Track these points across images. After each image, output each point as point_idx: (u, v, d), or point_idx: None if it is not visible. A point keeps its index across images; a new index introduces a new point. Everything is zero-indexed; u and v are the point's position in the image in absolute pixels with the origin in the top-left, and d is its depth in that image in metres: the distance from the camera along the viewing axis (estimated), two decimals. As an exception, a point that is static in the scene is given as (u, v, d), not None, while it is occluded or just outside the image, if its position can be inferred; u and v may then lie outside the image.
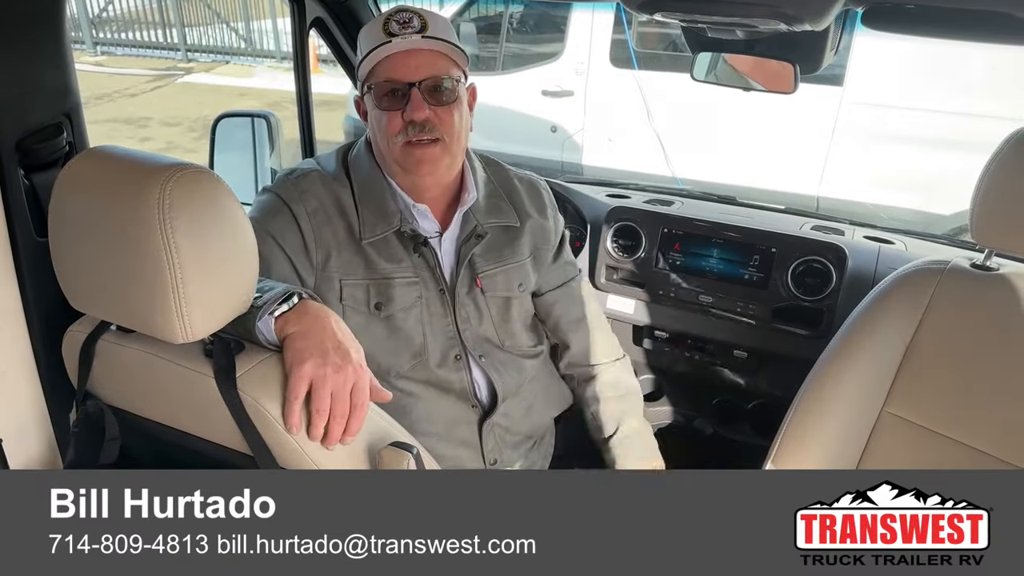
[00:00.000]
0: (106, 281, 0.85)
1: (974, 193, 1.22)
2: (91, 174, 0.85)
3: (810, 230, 1.80)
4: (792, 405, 1.35)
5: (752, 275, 1.72)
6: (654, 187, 2.16)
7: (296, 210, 1.19)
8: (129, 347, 0.94)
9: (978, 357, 1.24)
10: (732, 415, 1.77)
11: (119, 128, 7.10)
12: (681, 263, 1.78)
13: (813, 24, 1.12)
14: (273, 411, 0.86)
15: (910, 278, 1.31)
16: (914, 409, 1.29)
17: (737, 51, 1.45)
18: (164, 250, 0.79)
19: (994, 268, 1.28)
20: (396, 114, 1.15)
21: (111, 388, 0.98)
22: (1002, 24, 1.01)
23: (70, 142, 1.06)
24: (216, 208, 0.84)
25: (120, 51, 10.37)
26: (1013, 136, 1.18)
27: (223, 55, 10.33)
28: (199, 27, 10.48)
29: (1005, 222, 1.21)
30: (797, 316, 1.69)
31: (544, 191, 1.40)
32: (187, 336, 0.83)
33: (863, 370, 1.32)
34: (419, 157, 1.17)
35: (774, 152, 4.27)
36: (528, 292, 1.36)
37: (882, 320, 1.31)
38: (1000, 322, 1.23)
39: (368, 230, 1.21)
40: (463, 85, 1.20)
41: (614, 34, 4.59)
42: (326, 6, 1.64)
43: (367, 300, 1.21)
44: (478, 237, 1.27)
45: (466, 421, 1.29)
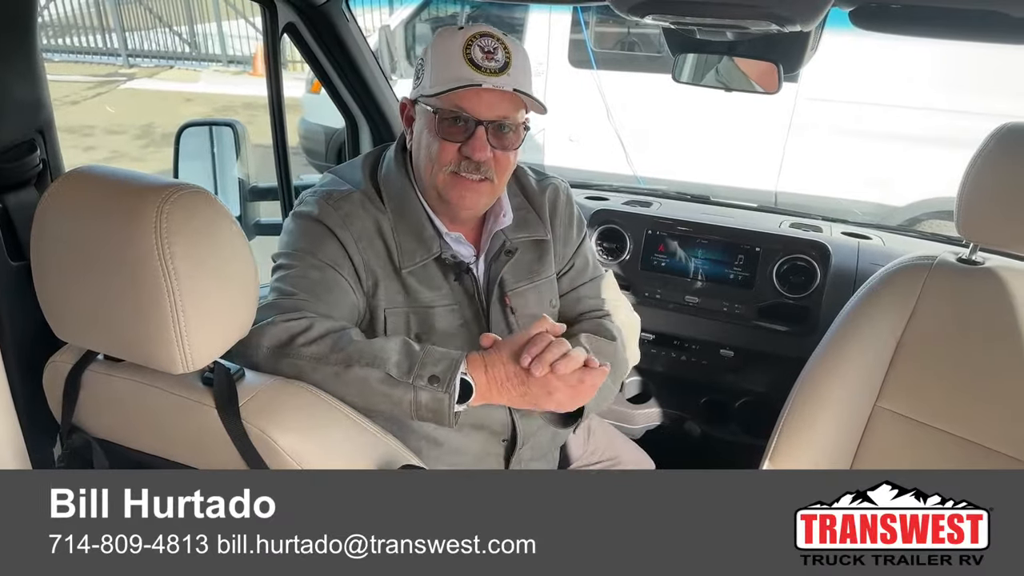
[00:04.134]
0: (96, 310, 0.80)
1: (959, 188, 1.24)
2: (77, 197, 0.79)
3: (789, 228, 1.82)
4: (787, 403, 1.36)
5: (737, 274, 1.73)
6: (627, 188, 2.16)
7: (343, 236, 1.11)
8: (119, 377, 0.89)
9: (968, 350, 1.26)
10: (720, 414, 1.77)
11: (62, 137, 6.75)
12: (666, 264, 1.79)
13: (804, 25, 1.12)
14: (280, 440, 0.82)
15: (899, 274, 1.33)
16: (906, 403, 1.31)
17: (719, 52, 1.45)
18: (162, 276, 0.75)
19: (980, 262, 1.30)
20: (453, 145, 1.09)
21: (99, 420, 0.92)
22: (990, 23, 1.03)
23: (43, 160, 1.00)
24: (214, 230, 0.80)
25: (58, 57, 10.00)
26: (997, 132, 1.20)
27: (167, 60, 10.06)
28: (140, 31, 10.20)
29: (990, 217, 1.23)
30: (782, 314, 1.70)
31: (561, 193, 1.32)
32: (187, 366, 0.79)
33: (855, 366, 1.33)
34: (463, 193, 1.11)
35: (733, 149, 4.32)
36: (559, 309, 1.29)
37: (873, 316, 1.33)
38: (988, 315, 1.26)
39: (407, 258, 1.13)
40: (524, 130, 1.14)
41: (572, 35, 4.59)
42: (299, 11, 1.59)
43: (407, 330, 1.14)
44: (508, 253, 1.20)
45: (495, 455, 1.24)
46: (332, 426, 0.90)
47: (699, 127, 4.31)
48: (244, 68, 9.74)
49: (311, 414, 0.88)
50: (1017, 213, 1.20)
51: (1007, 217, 1.21)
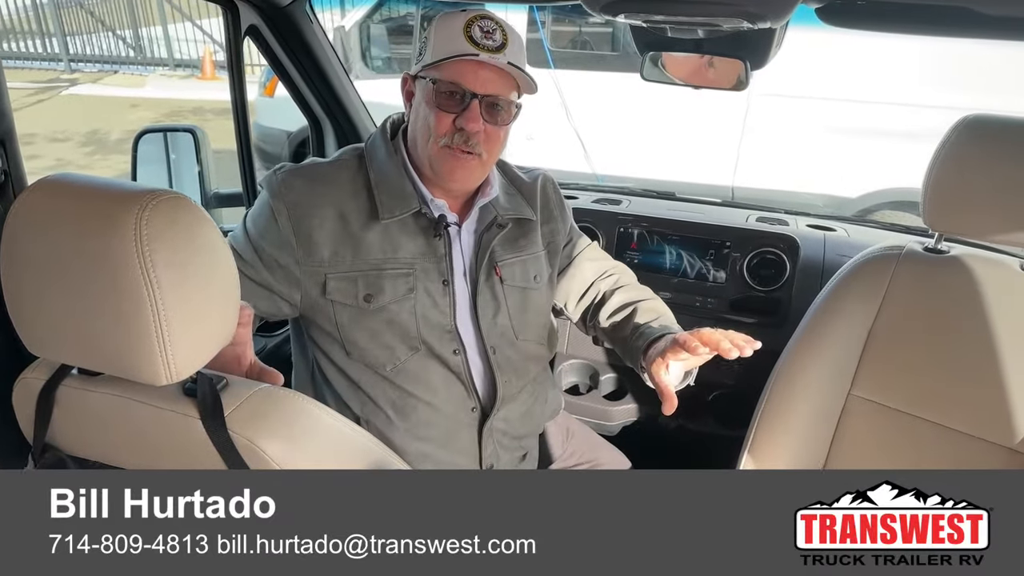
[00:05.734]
0: (73, 322, 0.77)
1: (924, 179, 1.28)
2: (49, 207, 0.76)
3: (756, 222, 1.85)
4: (763, 395, 1.38)
5: (709, 269, 1.76)
6: (594, 186, 2.17)
7: (276, 207, 1.18)
8: (96, 391, 0.85)
9: (936, 337, 1.30)
10: (695, 408, 1.79)
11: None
12: (639, 261, 1.80)
13: (774, 21, 1.14)
14: (269, 449, 0.80)
15: (868, 265, 1.36)
16: (879, 391, 1.34)
17: (686, 50, 1.47)
18: (144, 285, 0.72)
19: (945, 251, 1.34)
20: (448, 116, 1.15)
21: (74, 437, 0.89)
22: (959, 18, 1.05)
23: (5, 170, 0.96)
24: (196, 236, 0.77)
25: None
26: (960, 123, 1.24)
27: (111, 64, 9.79)
28: (82, 35, 9.89)
29: (954, 206, 1.27)
30: (753, 307, 1.73)
31: (549, 184, 1.41)
32: (171, 377, 0.76)
33: (829, 357, 1.36)
34: (454, 165, 1.17)
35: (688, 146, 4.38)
36: (543, 286, 1.35)
37: (844, 307, 1.36)
38: (955, 302, 1.30)
39: (387, 211, 1.19)
40: (516, 109, 1.21)
41: (528, 33, 4.60)
42: (262, 13, 1.56)
43: (355, 292, 1.19)
44: (499, 227, 1.27)
45: (467, 425, 1.27)
46: (321, 433, 0.88)
47: (654, 124, 4.36)
48: (192, 72, 9.53)
49: (299, 421, 0.86)
50: (980, 202, 1.24)
51: (970, 206, 1.25)
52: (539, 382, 1.37)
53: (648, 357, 1.25)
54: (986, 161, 1.22)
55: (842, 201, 4.12)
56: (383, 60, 5.43)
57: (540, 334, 1.36)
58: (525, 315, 1.31)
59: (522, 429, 1.34)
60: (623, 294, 1.41)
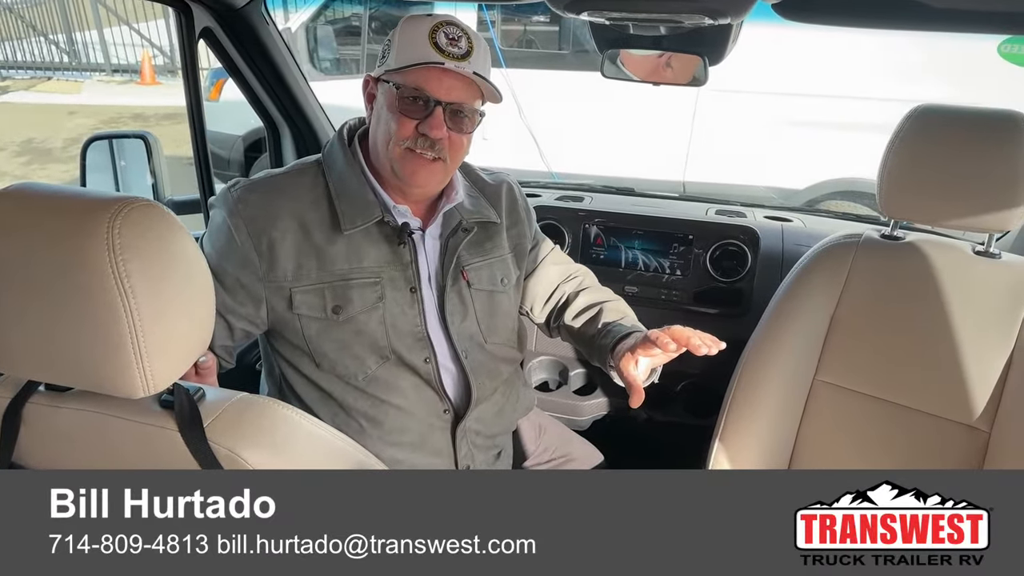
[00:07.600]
0: (41, 336, 0.74)
1: (880, 169, 1.32)
2: (14, 216, 0.73)
3: (716, 215, 1.88)
4: (731, 383, 1.41)
5: (673, 262, 1.79)
6: (555, 184, 2.19)
7: (234, 223, 1.15)
8: (66, 408, 0.82)
9: (895, 321, 1.35)
10: (663, 398, 1.82)
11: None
12: (604, 257, 1.82)
13: (734, 18, 1.17)
14: (251, 459, 0.78)
15: (829, 253, 1.40)
16: (842, 375, 1.38)
17: (646, 47, 1.49)
18: (119, 295, 0.70)
19: (901, 238, 1.39)
20: (411, 122, 1.14)
21: (44, 456, 0.85)
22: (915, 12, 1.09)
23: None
24: (170, 244, 0.75)
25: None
26: (912, 113, 1.28)
27: (44, 71, 9.44)
28: (11, 41, 9.51)
29: (908, 194, 1.31)
30: (716, 298, 1.76)
31: (515, 188, 1.41)
32: (149, 389, 0.74)
33: (794, 344, 1.39)
34: (416, 169, 1.16)
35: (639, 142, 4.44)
36: (510, 288, 1.34)
37: (807, 295, 1.40)
38: (913, 287, 1.34)
39: (348, 221, 1.17)
40: (480, 117, 1.20)
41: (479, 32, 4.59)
42: (216, 15, 1.52)
43: (323, 305, 1.17)
44: (464, 231, 1.26)
45: (440, 428, 1.26)
46: (302, 439, 0.86)
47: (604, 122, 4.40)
48: (131, 77, 9.25)
49: (279, 429, 0.84)
50: (932, 190, 1.29)
51: (924, 193, 1.30)
52: (511, 382, 1.38)
53: (616, 353, 1.27)
54: (937, 149, 1.27)
55: (789, 192, 4.22)
56: (331, 61, 5.37)
57: (509, 337, 1.36)
58: (494, 319, 1.31)
59: (495, 428, 1.34)
60: (587, 296, 1.43)
